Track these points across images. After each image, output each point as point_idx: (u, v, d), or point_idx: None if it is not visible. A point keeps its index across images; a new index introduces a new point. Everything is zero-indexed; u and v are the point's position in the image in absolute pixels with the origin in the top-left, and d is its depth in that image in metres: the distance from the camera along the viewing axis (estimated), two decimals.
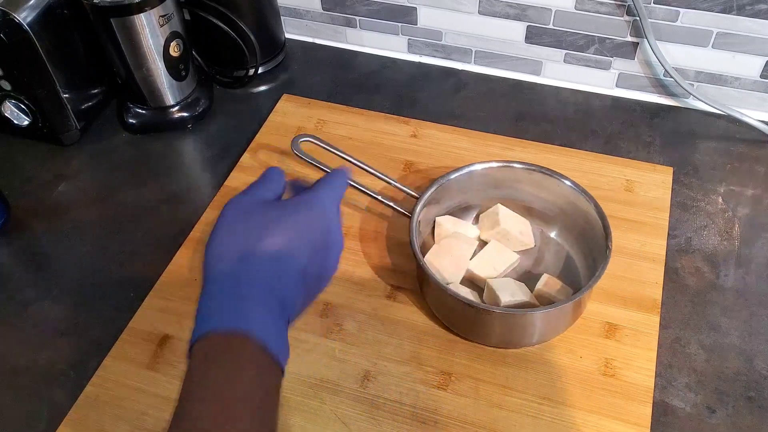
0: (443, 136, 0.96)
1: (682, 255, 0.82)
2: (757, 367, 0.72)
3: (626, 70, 0.99)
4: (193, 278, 0.81)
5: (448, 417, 0.68)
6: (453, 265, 0.77)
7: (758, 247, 0.82)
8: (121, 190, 0.92)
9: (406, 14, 1.04)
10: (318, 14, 1.09)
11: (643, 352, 0.72)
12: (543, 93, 1.03)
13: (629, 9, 0.92)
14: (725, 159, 0.92)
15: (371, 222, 0.86)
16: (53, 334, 0.78)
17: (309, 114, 1.00)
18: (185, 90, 1.00)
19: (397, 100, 1.03)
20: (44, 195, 0.92)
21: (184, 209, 0.89)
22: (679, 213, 0.86)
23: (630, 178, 0.89)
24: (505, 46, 1.03)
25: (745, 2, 0.87)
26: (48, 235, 0.88)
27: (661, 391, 0.71)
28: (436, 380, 0.71)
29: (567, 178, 0.78)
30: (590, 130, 0.97)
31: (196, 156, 0.99)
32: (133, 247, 0.86)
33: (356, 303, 0.78)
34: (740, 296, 0.78)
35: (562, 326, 0.73)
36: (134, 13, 0.88)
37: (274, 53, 1.09)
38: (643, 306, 0.76)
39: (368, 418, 0.68)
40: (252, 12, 1.01)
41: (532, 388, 0.70)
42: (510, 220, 0.80)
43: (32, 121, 0.95)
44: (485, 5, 0.98)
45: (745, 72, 0.94)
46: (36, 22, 0.86)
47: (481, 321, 0.71)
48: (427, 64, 1.09)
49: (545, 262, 0.80)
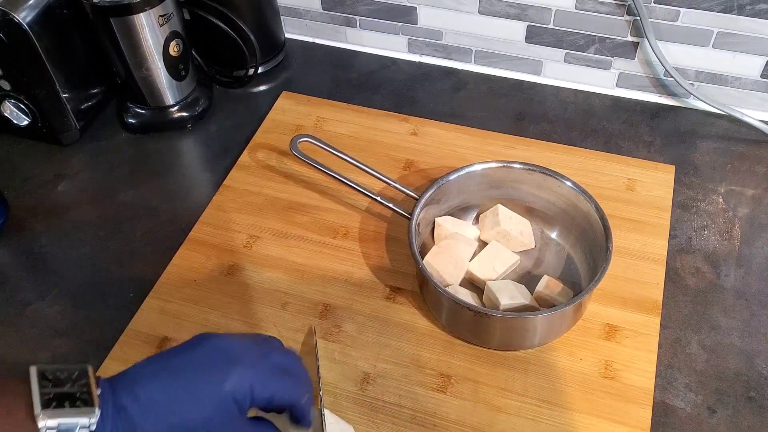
0: (444, 134, 0.95)
1: (682, 255, 0.82)
2: (757, 367, 0.72)
3: (626, 69, 0.99)
4: (193, 279, 0.80)
5: (447, 420, 0.68)
6: (453, 266, 0.77)
7: (758, 247, 0.82)
8: (120, 189, 0.92)
9: (406, 14, 1.04)
10: (318, 14, 1.09)
11: (644, 354, 0.72)
12: (543, 93, 1.03)
13: (629, 9, 0.92)
14: (726, 159, 0.92)
15: (371, 222, 0.86)
16: (52, 334, 0.77)
17: (308, 111, 1.00)
18: (185, 90, 0.99)
19: (397, 100, 1.02)
20: (44, 195, 0.92)
21: (184, 209, 0.89)
22: (679, 213, 0.86)
23: (632, 177, 0.89)
24: (506, 45, 1.02)
25: (746, 2, 0.86)
26: (47, 235, 0.87)
27: (661, 392, 0.70)
28: (436, 383, 0.71)
29: (567, 178, 0.78)
30: (590, 129, 0.97)
31: (195, 156, 0.99)
32: (132, 247, 0.86)
33: (355, 305, 0.78)
34: (740, 296, 0.78)
35: (562, 329, 0.73)
36: (134, 12, 0.87)
37: (274, 53, 1.08)
38: (644, 307, 0.76)
39: (367, 420, 0.68)
40: (252, 12, 1.01)
41: (531, 390, 0.70)
42: (510, 220, 0.80)
43: (32, 121, 0.94)
44: (485, 5, 0.98)
45: (746, 72, 0.93)
46: (36, 21, 0.86)
47: (481, 324, 0.71)
48: (427, 63, 1.09)
49: (545, 262, 0.80)
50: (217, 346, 0.53)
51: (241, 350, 0.53)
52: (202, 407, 0.49)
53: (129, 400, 0.48)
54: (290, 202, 0.88)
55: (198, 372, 0.51)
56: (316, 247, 0.83)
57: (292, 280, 0.80)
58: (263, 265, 0.82)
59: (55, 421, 0.45)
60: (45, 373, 0.47)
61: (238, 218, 0.87)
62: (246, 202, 0.89)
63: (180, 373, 0.50)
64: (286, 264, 0.82)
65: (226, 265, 0.82)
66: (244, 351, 0.53)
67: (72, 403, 0.46)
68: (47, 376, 0.47)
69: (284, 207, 0.88)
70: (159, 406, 0.49)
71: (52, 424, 0.45)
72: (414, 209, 0.76)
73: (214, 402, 0.50)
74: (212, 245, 0.84)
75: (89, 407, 0.46)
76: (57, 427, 0.45)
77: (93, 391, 0.47)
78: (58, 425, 0.45)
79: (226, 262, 0.82)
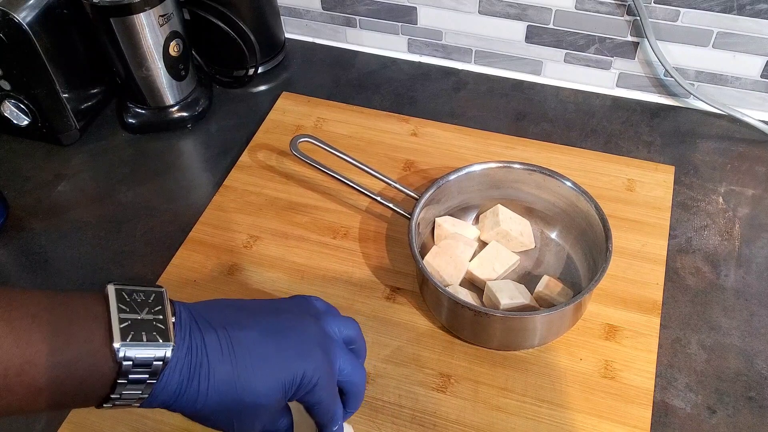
0: (444, 134, 0.95)
1: (682, 255, 0.82)
2: (757, 367, 0.72)
3: (626, 69, 0.99)
4: (193, 279, 0.81)
5: (447, 419, 0.68)
6: (452, 266, 0.77)
7: (758, 247, 0.82)
8: (120, 190, 0.92)
9: (406, 14, 1.04)
10: (318, 14, 1.09)
11: (643, 354, 0.72)
12: (543, 93, 1.03)
13: (629, 9, 0.92)
14: (725, 159, 0.92)
15: (371, 222, 0.86)
16: None
17: (308, 112, 1.00)
18: (185, 90, 0.99)
19: (397, 100, 1.02)
20: (43, 195, 0.92)
21: (184, 209, 0.89)
22: (679, 213, 0.86)
23: (631, 177, 0.89)
24: (506, 45, 1.02)
25: (746, 2, 0.86)
26: (47, 234, 0.87)
27: (661, 392, 0.70)
28: (436, 382, 0.71)
29: (567, 178, 0.78)
30: (590, 129, 0.97)
31: (195, 156, 0.99)
32: (132, 247, 0.86)
33: (355, 304, 0.78)
34: (740, 296, 0.78)
35: (562, 329, 0.73)
36: (134, 12, 0.87)
37: (274, 53, 1.08)
38: (644, 307, 0.76)
39: (367, 420, 0.68)
40: (252, 12, 1.01)
41: (531, 390, 0.70)
42: (510, 220, 0.80)
43: (32, 121, 0.94)
44: (485, 5, 0.98)
45: (746, 72, 0.93)
46: (36, 21, 0.86)
47: (481, 324, 0.71)
48: (427, 63, 1.09)
49: (545, 263, 0.80)
50: (306, 332, 0.54)
51: (319, 349, 0.54)
52: (264, 393, 0.51)
53: (200, 348, 0.49)
54: (290, 203, 0.88)
55: (278, 357, 0.51)
56: (316, 247, 0.83)
57: (293, 280, 0.80)
58: (263, 265, 0.82)
59: (133, 352, 0.45)
60: (123, 293, 0.47)
61: (238, 218, 0.87)
62: (246, 202, 0.89)
63: (259, 346, 0.51)
64: (286, 264, 0.82)
65: (226, 265, 0.82)
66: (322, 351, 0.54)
67: (149, 334, 0.46)
68: (125, 298, 0.47)
69: (284, 207, 0.88)
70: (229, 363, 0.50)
71: (129, 355, 0.45)
72: (414, 209, 0.76)
73: (275, 392, 0.51)
74: (212, 245, 0.84)
75: (165, 341, 0.47)
76: (133, 359, 0.45)
77: (168, 321, 0.48)
78: (135, 358, 0.45)
79: (226, 263, 0.82)
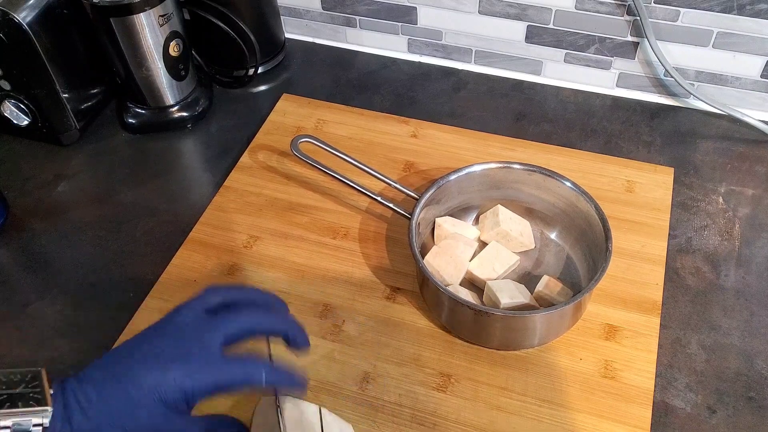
0: (443, 136, 0.95)
1: (682, 255, 0.82)
2: (757, 367, 0.72)
3: (626, 69, 0.99)
4: (193, 279, 0.80)
5: (447, 419, 0.68)
6: (452, 266, 0.77)
7: (758, 247, 0.82)
8: (120, 190, 0.92)
9: (406, 14, 1.04)
10: (318, 14, 1.09)
11: (643, 354, 0.72)
12: (543, 93, 1.03)
13: (629, 9, 0.92)
14: (725, 159, 0.92)
15: (371, 223, 0.86)
16: (52, 334, 0.77)
17: (309, 114, 1.00)
18: (185, 90, 0.99)
19: (397, 100, 1.02)
20: (43, 195, 0.92)
21: (184, 209, 0.89)
22: (679, 213, 0.86)
23: (631, 179, 0.89)
24: (506, 45, 1.02)
25: (746, 2, 0.86)
26: (47, 235, 0.87)
27: (661, 392, 0.70)
28: (436, 382, 0.71)
29: (567, 179, 0.78)
30: (590, 129, 0.97)
31: (195, 156, 0.99)
32: (132, 247, 0.86)
33: (355, 304, 0.78)
34: (740, 296, 0.78)
35: (562, 328, 0.73)
36: (134, 12, 0.87)
37: (274, 53, 1.08)
38: (643, 308, 0.76)
39: (367, 420, 0.68)
40: (252, 12, 1.01)
41: (531, 390, 0.70)
42: (510, 221, 0.80)
43: (32, 121, 0.94)
44: (485, 5, 0.98)
45: (746, 72, 0.93)
46: (36, 21, 0.86)
47: (481, 323, 0.71)
48: (427, 63, 1.09)
49: (545, 263, 0.80)
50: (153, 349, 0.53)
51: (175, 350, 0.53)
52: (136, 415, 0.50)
53: (73, 401, 0.50)
54: (290, 203, 0.88)
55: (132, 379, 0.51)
56: (316, 248, 0.83)
57: (293, 281, 0.80)
58: (263, 265, 0.82)
59: (9, 420, 0.47)
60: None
61: (239, 218, 0.87)
62: (246, 203, 0.89)
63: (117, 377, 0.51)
64: (286, 264, 0.82)
65: (226, 265, 0.82)
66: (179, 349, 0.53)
67: (25, 403, 0.48)
68: (1, 379, 0.49)
69: (284, 207, 0.88)
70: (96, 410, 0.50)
71: (6, 423, 0.47)
72: (414, 209, 0.76)
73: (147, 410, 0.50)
74: (212, 245, 0.84)
75: (42, 406, 0.48)
76: (11, 426, 0.47)
77: (46, 392, 0.49)
78: (13, 424, 0.47)
79: (226, 263, 0.82)
